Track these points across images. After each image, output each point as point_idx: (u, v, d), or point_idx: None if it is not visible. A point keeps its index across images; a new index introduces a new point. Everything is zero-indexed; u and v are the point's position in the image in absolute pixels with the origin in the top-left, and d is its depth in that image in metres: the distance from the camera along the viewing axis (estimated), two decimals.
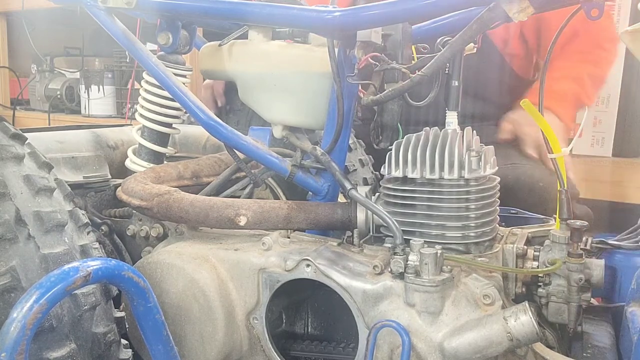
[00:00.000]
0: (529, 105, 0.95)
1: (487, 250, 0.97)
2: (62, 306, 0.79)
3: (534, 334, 0.81)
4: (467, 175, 0.94)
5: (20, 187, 0.82)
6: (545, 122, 0.96)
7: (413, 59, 1.10)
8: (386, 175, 1.01)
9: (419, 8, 0.93)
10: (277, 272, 0.95)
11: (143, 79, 1.30)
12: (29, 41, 3.49)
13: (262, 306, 0.97)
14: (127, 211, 1.22)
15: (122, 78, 3.60)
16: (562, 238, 0.94)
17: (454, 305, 0.87)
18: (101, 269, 0.71)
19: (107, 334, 0.87)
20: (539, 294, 0.96)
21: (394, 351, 0.88)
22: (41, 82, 3.98)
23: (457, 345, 0.84)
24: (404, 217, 0.98)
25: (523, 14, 0.86)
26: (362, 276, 0.91)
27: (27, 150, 0.90)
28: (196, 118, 1.12)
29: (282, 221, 1.02)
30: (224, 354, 0.97)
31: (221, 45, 1.22)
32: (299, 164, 1.12)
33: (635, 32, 0.92)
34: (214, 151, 1.50)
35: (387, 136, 1.08)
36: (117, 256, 1.18)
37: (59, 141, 1.31)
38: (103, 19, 1.16)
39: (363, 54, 1.02)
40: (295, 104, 1.17)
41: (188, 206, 1.02)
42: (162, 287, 0.98)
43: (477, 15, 0.91)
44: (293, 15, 1.03)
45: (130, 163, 1.31)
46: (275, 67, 1.16)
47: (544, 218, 1.26)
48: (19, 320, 0.63)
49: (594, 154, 2.18)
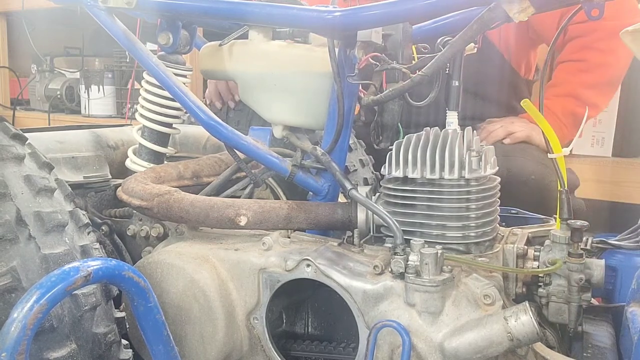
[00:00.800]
0: (529, 105, 0.95)
1: (488, 250, 0.97)
2: (63, 306, 0.79)
3: (535, 334, 0.82)
4: (467, 175, 0.94)
5: (20, 187, 0.82)
6: (546, 122, 0.96)
7: (413, 59, 1.10)
8: (386, 175, 1.01)
9: (419, 8, 0.93)
10: (277, 272, 0.95)
11: (143, 79, 1.30)
12: (29, 41, 3.49)
13: (263, 306, 0.97)
14: (128, 211, 1.22)
15: (122, 78, 3.60)
16: (562, 238, 0.94)
17: (455, 305, 0.87)
18: (101, 269, 0.71)
19: (108, 334, 0.87)
20: (540, 294, 0.96)
21: (394, 351, 0.88)
22: (41, 82, 3.98)
23: (458, 345, 0.84)
24: (404, 217, 0.98)
25: (523, 14, 0.86)
26: (362, 276, 0.91)
27: (28, 150, 0.90)
28: (196, 118, 1.12)
29: (282, 221, 1.02)
30: (224, 354, 0.97)
31: (221, 45, 1.22)
32: (299, 164, 1.12)
33: (635, 32, 0.92)
34: (214, 151, 1.50)
35: (388, 136, 1.08)
36: (118, 256, 1.18)
37: (59, 141, 1.31)
38: (103, 19, 1.16)
39: (363, 54, 1.02)
40: (296, 104, 1.17)
41: (188, 206, 1.02)
42: (162, 287, 0.98)
43: (478, 15, 0.91)
44: (293, 15, 1.03)
45: (130, 163, 1.31)
46: (275, 67, 1.16)
47: (544, 218, 1.26)
48: (19, 320, 0.63)
49: (594, 154, 2.19)
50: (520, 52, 1.87)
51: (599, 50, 1.71)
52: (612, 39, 1.66)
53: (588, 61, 1.72)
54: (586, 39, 1.71)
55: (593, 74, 1.72)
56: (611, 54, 1.71)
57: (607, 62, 1.72)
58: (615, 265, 1.19)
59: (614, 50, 1.70)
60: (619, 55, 1.71)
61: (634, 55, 1.01)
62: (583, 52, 1.72)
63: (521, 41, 1.84)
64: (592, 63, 1.72)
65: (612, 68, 1.75)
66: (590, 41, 1.71)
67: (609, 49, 1.70)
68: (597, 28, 1.67)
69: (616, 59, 1.73)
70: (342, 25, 0.99)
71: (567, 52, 1.76)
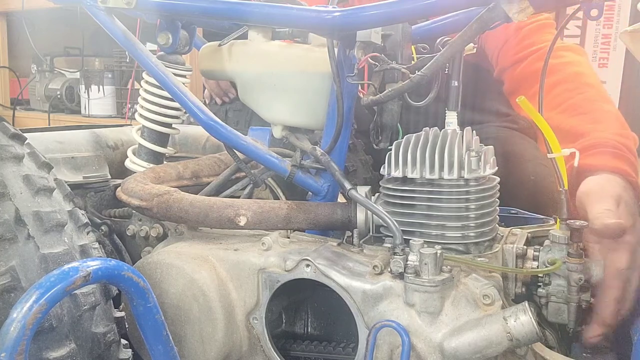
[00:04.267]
0: (525, 103, 0.94)
1: (487, 250, 0.97)
2: (62, 306, 0.79)
3: (534, 334, 0.82)
4: (466, 175, 0.94)
5: (19, 187, 0.83)
6: (543, 121, 0.96)
7: (413, 59, 1.10)
8: (386, 176, 1.01)
9: (419, 8, 0.93)
10: (276, 272, 0.95)
11: (143, 79, 1.30)
12: (29, 41, 3.50)
13: (262, 306, 0.97)
14: (127, 211, 1.23)
15: (122, 78, 3.61)
16: (562, 238, 0.94)
17: (454, 305, 0.87)
18: (101, 269, 0.71)
19: (107, 334, 0.87)
20: (539, 294, 0.96)
21: (393, 351, 0.89)
22: (41, 82, 3.98)
23: (457, 345, 0.84)
24: (404, 217, 0.98)
25: (523, 14, 0.86)
26: (361, 276, 0.91)
27: (27, 150, 0.90)
28: (196, 118, 1.12)
29: (282, 221, 1.02)
30: (223, 354, 0.97)
31: (221, 45, 1.22)
32: (298, 164, 1.12)
33: (635, 32, 0.92)
34: (213, 151, 1.50)
35: (387, 136, 1.08)
36: (117, 256, 1.18)
37: (59, 141, 1.31)
38: (103, 19, 1.16)
39: (363, 54, 1.02)
40: (295, 104, 1.17)
41: (188, 206, 1.02)
42: (161, 287, 0.98)
43: (477, 15, 0.91)
44: (293, 15, 1.03)
45: (130, 163, 1.31)
46: (275, 67, 1.16)
47: (543, 218, 1.26)
48: (18, 320, 0.63)
49: None
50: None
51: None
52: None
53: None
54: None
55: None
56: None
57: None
58: None
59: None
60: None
61: (634, 55, 1.01)
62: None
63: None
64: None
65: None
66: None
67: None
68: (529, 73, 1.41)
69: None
70: (341, 25, 0.99)
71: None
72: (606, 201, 0.99)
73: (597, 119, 1.21)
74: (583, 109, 1.25)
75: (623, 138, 1.16)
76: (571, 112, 1.25)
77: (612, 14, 2.30)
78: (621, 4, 2.19)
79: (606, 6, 1.93)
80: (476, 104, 1.73)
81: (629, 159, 1.12)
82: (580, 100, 1.27)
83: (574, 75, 1.33)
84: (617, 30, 2.28)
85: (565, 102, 1.27)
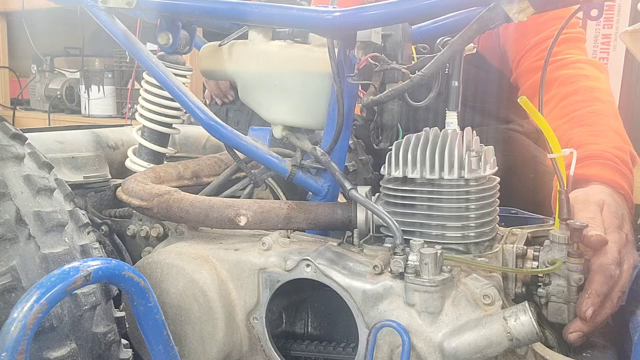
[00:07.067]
0: (526, 103, 0.94)
1: (487, 250, 0.97)
2: (63, 306, 0.79)
3: (534, 334, 0.82)
4: (467, 175, 0.94)
5: (20, 187, 0.83)
6: (544, 121, 0.96)
7: (413, 59, 1.10)
8: (386, 176, 1.01)
9: (419, 8, 0.93)
10: (277, 272, 0.95)
11: (143, 79, 1.30)
12: (29, 41, 3.50)
13: (262, 306, 0.97)
14: (127, 211, 1.23)
15: (122, 78, 3.61)
16: (561, 238, 0.94)
17: (454, 305, 0.87)
18: (101, 268, 0.71)
19: (108, 333, 0.87)
20: (539, 294, 0.96)
21: (394, 351, 0.89)
22: (41, 82, 3.99)
23: (457, 345, 0.84)
24: (404, 217, 0.98)
25: (523, 14, 0.86)
26: (362, 276, 0.91)
27: (27, 150, 0.90)
28: (196, 118, 1.12)
29: (282, 221, 1.03)
30: (224, 354, 0.97)
31: (221, 45, 1.22)
32: (298, 164, 1.12)
33: (635, 32, 0.92)
34: (214, 151, 1.50)
35: (387, 136, 1.08)
36: (117, 256, 1.18)
37: (59, 141, 1.31)
38: (103, 19, 1.16)
39: (363, 54, 1.02)
40: (295, 104, 1.17)
41: (188, 206, 1.02)
42: (162, 287, 0.98)
43: (477, 15, 0.91)
44: (293, 15, 1.03)
45: (130, 163, 1.31)
46: (275, 67, 1.16)
47: (543, 218, 1.26)
48: (19, 320, 0.63)
49: None
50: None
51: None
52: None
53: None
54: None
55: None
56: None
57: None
58: None
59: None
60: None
61: (634, 55, 1.01)
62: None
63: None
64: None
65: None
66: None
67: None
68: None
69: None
70: (341, 25, 0.99)
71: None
72: (589, 209, 1.01)
73: (599, 132, 1.22)
74: (587, 121, 1.26)
75: (620, 151, 1.17)
76: (575, 123, 1.26)
77: (612, 14, 2.30)
78: (621, 4, 2.19)
79: (606, 6, 1.93)
80: (480, 106, 1.74)
81: (623, 172, 1.14)
82: (587, 113, 1.28)
83: (588, 89, 1.34)
84: (617, 30, 2.28)
85: (573, 113, 1.29)
